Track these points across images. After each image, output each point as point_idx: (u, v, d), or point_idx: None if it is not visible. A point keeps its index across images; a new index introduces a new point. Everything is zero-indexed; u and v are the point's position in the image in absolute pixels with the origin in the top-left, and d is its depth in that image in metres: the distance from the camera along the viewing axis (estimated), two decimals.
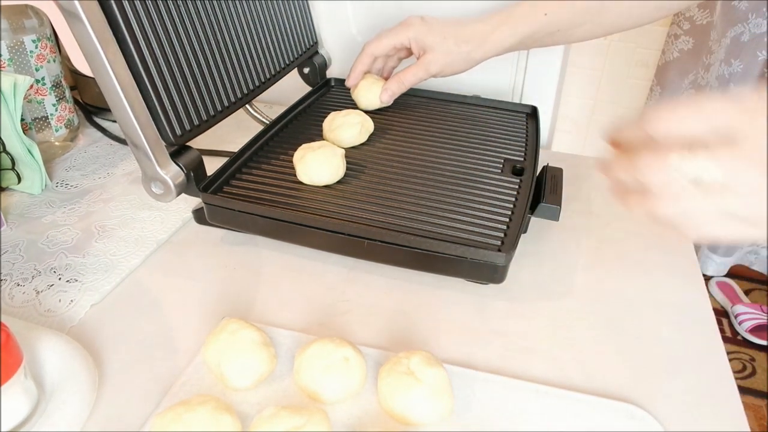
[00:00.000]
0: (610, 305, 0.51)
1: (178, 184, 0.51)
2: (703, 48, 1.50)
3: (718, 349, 0.47)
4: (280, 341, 0.46)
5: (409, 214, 0.53)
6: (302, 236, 0.53)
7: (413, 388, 0.39)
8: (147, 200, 0.64)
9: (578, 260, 0.57)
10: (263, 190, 0.56)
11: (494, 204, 0.54)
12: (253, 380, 0.41)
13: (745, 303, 1.64)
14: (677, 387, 0.44)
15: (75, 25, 0.43)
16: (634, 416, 0.41)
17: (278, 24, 0.68)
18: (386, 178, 0.58)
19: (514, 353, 0.46)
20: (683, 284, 0.54)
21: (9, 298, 0.51)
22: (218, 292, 0.52)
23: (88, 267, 0.54)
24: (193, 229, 0.60)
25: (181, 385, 0.42)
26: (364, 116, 0.65)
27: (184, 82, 0.53)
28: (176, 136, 0.52)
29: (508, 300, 0.52)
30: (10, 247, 0.57)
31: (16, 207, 0.63)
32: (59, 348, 0.43)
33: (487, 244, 0.49)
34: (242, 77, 0.61)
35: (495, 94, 0.84)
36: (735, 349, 1.56)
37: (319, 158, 0.56)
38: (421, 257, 0.49)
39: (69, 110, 0.74)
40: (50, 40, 0.69)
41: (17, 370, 0.36)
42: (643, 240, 0.59)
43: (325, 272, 0.55)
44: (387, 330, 0.49)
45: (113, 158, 0.74)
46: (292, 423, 0.35)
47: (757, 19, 1.35)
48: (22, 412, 0.38)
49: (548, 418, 0.40)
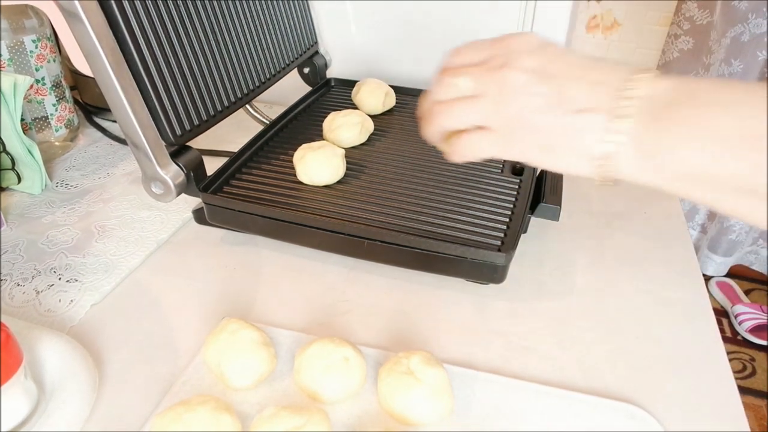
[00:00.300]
0: (610, 305, 0.51)
1: (178, 184, 0.51)
2: (703, 48, 1.50)
3: (718, 349, 0.47)
4: (280, 341, 0.46)
5: (409, 214, 0.53)
6: (302, 236, 0.53)
7: (413, 388, 0.39)
8: (147, 200, 0.64)
9: (578, 260, 0.57)
10: (263, 190, 0.56)
11: (494, 204, 0.54)
12: (253, 380, 0.41)
13: (745, 303, 1.64)
14: (677, 387, 0.44)
15: (75, 25, 0.43)
16: (634, 416, 0.41)
17: (278, 24, 0.68)
18: (386, 178, 0.58)
19: (514, 353, 0.46)
20: (683, 284, 0.54)
21: (9, 298, 0.51)
22: (218, 292, 0.52)
23: (88, 267, 0.54)
24: (193, 229, 0.60)
25: (181, 385, 0.42)
26: (364, 116, 0.65)
27: (184, 82, 0.53)
28: (176, 136, 0.52)
29: (508, 300, 0.52)
30: (10, 247, 0.57)
31: (16, 207, 0.63)
32: (59, 348, 0.43)
33: (487, 244, 0.49)
34: (242, 77, 0.61)
35: None
36: (735, 349, 1.56)
37: (319, 158, 0.56)
38: (421, 257, 0.49)
39: (69, 110, 0.74)
40: (50, 40, 0.69)
41: (17, 370, 0.36)
42: (643, 240, 0.59)
43: (325, 272, 0.55)
44: (387, 330, 0.49)
45: (113, 158, 0.74)
46: (292, 423, 0.35)
47: (757, 19, 1.35)
48: (22, 412, 0.38)
49: (548, 418, 0.40)
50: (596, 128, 0.34)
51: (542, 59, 0.36)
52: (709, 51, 1.47)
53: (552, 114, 0.35)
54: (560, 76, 0.35)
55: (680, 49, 1.54)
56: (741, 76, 1.43)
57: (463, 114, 0.38)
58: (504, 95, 0.36)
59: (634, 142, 0.33)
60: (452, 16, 0.82)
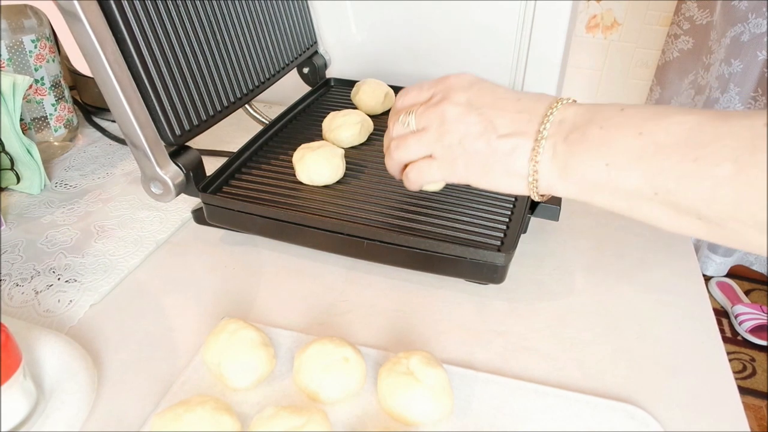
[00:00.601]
0: (610, 305, 0.51)
1: (177, 184, 0.51)
2: (703, 48, 1.50)
3: (718, 350, 0.47)
4: (279, 341, 0.46)
5: (408, 214, 0.53)
6: (302, 236, 0.53)
7: (413, 388, 0.39)
8: (146, 200, 0.64)
9: (578, 260, 0.57)
10: (263, 190, 0.56)
11: (494, 204, 0.54)
12: (252, 380, 0.41)
13: (745, 303, 1.64)
14: (677, 387, 0.44)
15: (74, 25, 0.43)
16: (634, 416, 0.40)
17: (278, 24, 0.68)
18: (386, 178, 0.58)
19: (514, 353, 0.46)
20: (683, 284, 0.54)
21: (8, 298, 0.51)
22: (218, 292, 0.52)
23: (87, 267, 0.54)
24: (193, 229, 0.60)
25: (180, 385, 0.42)
26: (363, 116, 0.65)
27: (183, 82, 0.53)
28: (176, 136, 0.52)
29: (508, 300, 0.52)
30: (9, 247, 0.57)
31: (15, 207, 0.63)
32: (58, 348, 0.43)
33: (486, 244, 0.49)
34: (242, 77, 0.61)
35: None
36: (735, 349, 1.56)
37: (318, 158, 0.56)
38: (420, 257, 0.49)
39: (68, 110, 0.74)
40: (49, 40, 0.69)
41: (16, 370, 0.36)
42: (643, 240, 0.59)
43: (325, 272, 0.55)
44: (387, 330, 0.48)
45: (112, 158, 0.74)
46: (292, 423, 0.35)
47: (757, 19, 1.35)
48: (21, 413, 0.38)
49: (548, 418, 0.40)
50: (524, 150, 0.39)
51: (473, 94, 0.41)
52: (709, 51, 1.47)
53: (484, 139, 0.40)
54: (487, 107, 0.40)
55: (680, 49, 1.54)
56: (741, 76, 1.43)
57: (413, 146, 0.44)
58: (444, 126, 0.41)
59: (552, 161, 0.38)
60: (452, 16, 0.81)
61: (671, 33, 1.55)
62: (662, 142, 0.33)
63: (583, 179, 0.37)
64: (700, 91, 1.52)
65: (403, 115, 0.44)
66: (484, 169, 0.41)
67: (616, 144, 0.35)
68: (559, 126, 0.38)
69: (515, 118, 0.39)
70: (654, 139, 0.33)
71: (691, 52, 1.52)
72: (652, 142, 0.33)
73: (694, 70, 1.53)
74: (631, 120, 0.35)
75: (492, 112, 0.40)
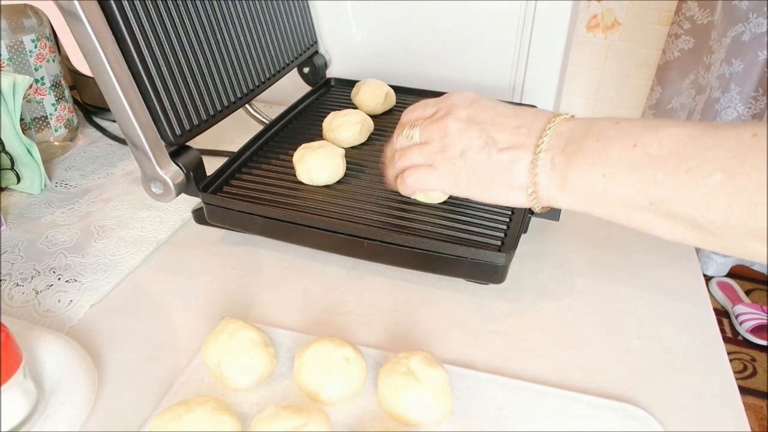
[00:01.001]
0: (610, 305, 0.51)
1: (177, 184, 0.51)
2: (704, 48, 1.49)
3: (719, 350, 0.47)
4: (280, 341, 0.46)
5: (409, 214, 0.52)
6: (302, 236, 0.53)
7: (413, 388, 0.39)
8: (146, 200, 0.64)
9: (578, 260, 0.57)
10: (263, 190, 0.56)
11: (494, 204, 0.54)
12: (252, 380, 0.41)
13: (745, 303, 1.64)
14: (678, 387, 0.44)
15: (75, 25, 0.43)
16: (635, 417, 0.40)
17: (278, 24, 0.68)
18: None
19: (514, 353, 0.46)
20: (683, 284, 0.54)
21: (8, 298, 0.51)
22: (218, 292, 0.52)
23: (87, 267, 0.54)
24: (193, 229, 0.60)
25: (180, 386, 0.42)
26: (364, 116, 0.65)
27: (183, 82, 0.53)
28: (176, 135, 0.52)
29: (508, 300, 0.52)
30: (9, 247, 0.57)
31: (15, 207, 0.63)
32: (58, 348, 0.43)
33: (487, 244, 0.49)
34: (242, 77, 0.61)
35: (495, 93, 0.84)
36: (735, 349, 1.55)
37: (319, 158, 0.56)
38: (421, 257, 0.49)
39: (68, 110, 0.74)
40: (49, 40, 0.69)
41: (16, 370, 0.36)
42: (643, 240, 0.59)
43: (326, 272, 0.55)
44: (387, 330, 0.48)
45: (112, 158, 0.74)
46: (292, 423, 0.35)
47: (757, 18, 1.35)
48: (21, 413, 0.38)
49: (549, 418, 0.40)
50: (523, 163, 0.40)
51: (473, 110, 0.43)
52: (710, 50, 1.47)
53: (485, 153, 0.41)
54: (488, 123, 0.42)
55: (681, 49, 1.54)
56: (741, 76, 1.43)
57: (415, 157, 0.45)
58: (446, 139, 0.43)
59: (551, 173, 0.39)
60: (452, 16, 0.81)
61: (672, 33, 1.55)
62: (656, 154, 0.34)
63: (581, 190, 0.38)
64: (701, 91, 1.52)
65: (407, 129, 0.46)
66: (485, 182, 0.42)
67: (612, 155, 0.36)
68: (556, 139, 0.39)
69: (514, 133, 0.41)
70: (648, 150, 0.34)
71: (691, 51, 1.52)
72: (646, 153, 0.34)
73: (695, 70, 1.53)
74: (626, 132, 0.36)
75: (492, 127, 0.42)
